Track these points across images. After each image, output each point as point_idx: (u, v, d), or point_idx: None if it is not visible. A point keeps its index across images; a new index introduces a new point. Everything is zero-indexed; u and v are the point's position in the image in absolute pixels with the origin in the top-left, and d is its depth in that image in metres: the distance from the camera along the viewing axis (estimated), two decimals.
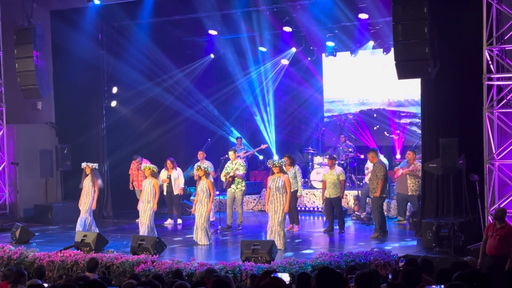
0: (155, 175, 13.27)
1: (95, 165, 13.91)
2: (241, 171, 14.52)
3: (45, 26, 16.07)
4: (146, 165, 13.49)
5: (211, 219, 13.94)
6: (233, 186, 14.48)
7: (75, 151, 16.48)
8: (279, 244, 11.67)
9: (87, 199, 13.63)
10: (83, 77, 16.59)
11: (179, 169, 15.40)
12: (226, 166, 14.75)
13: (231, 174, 14.46)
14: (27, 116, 16.95)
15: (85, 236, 12.18)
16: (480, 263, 9.21)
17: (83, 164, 13.86)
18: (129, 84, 17.09)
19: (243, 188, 14.59)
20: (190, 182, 16.75)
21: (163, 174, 15.20)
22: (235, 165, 14.52)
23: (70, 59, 16.40)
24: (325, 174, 13.95)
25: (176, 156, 16.00)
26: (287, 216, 12.72)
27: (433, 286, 5.39)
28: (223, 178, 14.71)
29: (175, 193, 15.28)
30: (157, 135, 17.93)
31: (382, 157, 14.47)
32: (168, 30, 17.08)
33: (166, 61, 17.67)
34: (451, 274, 6.20)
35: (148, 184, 13.00)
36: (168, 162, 15.25)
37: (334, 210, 13.68)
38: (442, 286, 5.05)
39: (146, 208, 12.85)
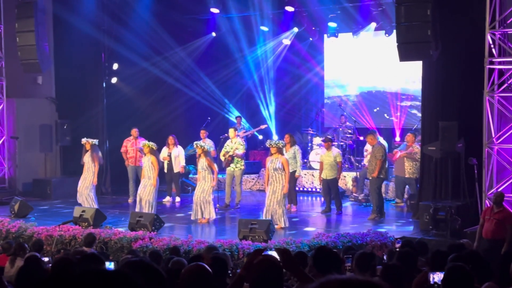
0: (154, 152, 13.29)
1: (95, 141, 13.94)
2: (241, 150, 14.53)
3: (47, 0, 15.99)
4: (145, 142, 13.51)
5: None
6: (232, 165, 14.51)
7: (74, 126, 16.50)
8: (281, 222, 11.75)
9: (88, 174, 13.70)
10: (84, 52, 16.54)
11: (180, 147, 15.41)
12: (225, 145, 14.77)
13: (231, 153, 14.48)
14: (27, 90, 16.92)
15: (83, 211, 12.24)
16: (476, 247, 9.27)
17: (83, 140, 13.90)
18: (130, 60, 17.02)
19: (242, 167, 14.61)
20: (189, 161, 16.77)
21: (164, 151, 15.22)
22: (235, 144, 14.53)
23: (71, 34, 16.34)
24: (322, 155, 13.96)
25: (176, 134, 16.01)
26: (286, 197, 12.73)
27: (437, 272, 5.42)
28: (222, 158, 14.73)
29: (175, 171, 15.30)
30: (157, 113, 17.89)
31: (381, 139, 14.48)
32: (170, 6, 17.00)
33: (168, 38, 17.59)
34: (447, 256, 6.24)
35: (147, 161, 13.04)
36: (170, 138, 15.25)
37: (331, 191, 13.72)
38: (442, 273, 5.08)
39: (146, 183, 12.92)
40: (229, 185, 14.65)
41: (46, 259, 7.71)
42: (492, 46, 10.84)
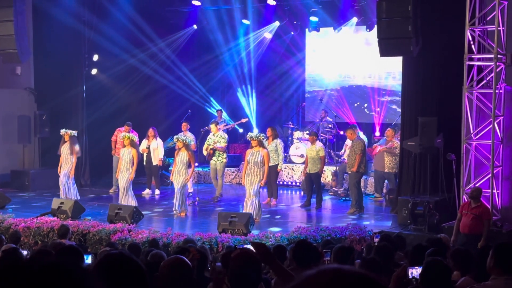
0: (135, 145, 13.24)
1: (74, 132, 13.86)
2: (222, 143, 14.54)
3: None
4: (126, 134, 13.45)
5: (189, 191, 13.97)
6: (214, 158, 14.52)
7: (53, 117, 16.38)
8: (255, 215, 11.77)
9: (66, 165, 13.66)
10: (63, 43, 16.38)
11: (159, 140, 15.36)
12: (208, 138, 14.78)
13: (212, 146, 14.48)
14: (5, 81, 16.73)
15: (62, 203, 12.16)
16: (453, 241, 9.37)
17: (62, 131, 13.82)
18: (111, 52, 16.91)
19: (224, 160, 14.62)
20: (169, 153, 16.74)
21: (144, 143, 15.17)
22: (217, 138, 14.54)
23: (51, 24, 16.17)
24: (307, 149, 14.00)
25: (156, 126, 15.93)
26: (264, 190, 12.77)
27: (415, 267, 5.46)
28: (204, 152, 14.74)
29: (154, 163, 15.26)
30: (138, 105, 17.82)
31: (361, 134, 14.55)
32: None
33: (149, 30, 17.48)
34: (426, 250, 6.30)
35: (127, 153, 12.98)
36: (151, 130, 15.21)
37: (313, 185, 13.76)
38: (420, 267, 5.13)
39: (124, 176, 12.90)
40: (215, 178, 14.70)
41: (24, 252, 7.64)
42: (471, 42, 10.91)
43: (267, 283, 5.06)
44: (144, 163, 15.25)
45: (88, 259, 6.60)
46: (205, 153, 14.71)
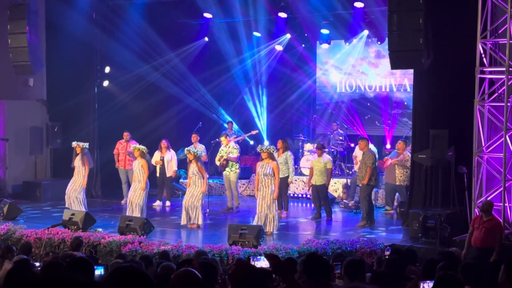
0: (144, 155, 13.28)
1: (86, 145, 13.92)
2: (235, 154, 14.65)
3: (39, 2, 15.92)
4: (136, 145, 13.50)
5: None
6: (227, 169, 14.61)
7: (65, 129, 16.46)
8: (271, 227, 11.76)
9: (78, 178, 13.71)
10: (76, 55, 16.48)
11: (172, 151, 15.42)
12: (220, 149, 14.87)
13: (225, 157, 14.57)
14: (18, 92, 16.86)
15: (73, 214, 12.20)
16: (465, 254, 9.31)
17: (74, 143, 13.88)
18: (122, 64, 17.01)
19: (237, 171, 14.71)
20: (180, 165, 16.76)
21: (157, 155, 15.23)
22: (229, 149, 14.64)
23: (63, 36, 16.29)
24: (313, 161, 14.00)
25: (167, 138, 15.98)
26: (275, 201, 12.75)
27: (427, 281, 5.44)
28: (217, 163, 14.83)
29: (168, 175, 15.30)
30: (149, 116, 17.87)
31: (372, 146, 14.52)
32: (163, 11, 17.00)
33: (160, 42, 17.59)
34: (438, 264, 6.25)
35: (137, 164, 13.02)
36: (163, 142, 15.27)
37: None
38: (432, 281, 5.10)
39: (136, 187, 12.91)
40: (229, 188, 14.79)
41: (37, 263, 7.67)
42: (483, 55, 10.90)
43: None
44: (157, 175, 15.30)
45: (101, 271, 6.60)
46: (218, 163, 14.81)
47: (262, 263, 6.98)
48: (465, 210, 11.33)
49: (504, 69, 10.59)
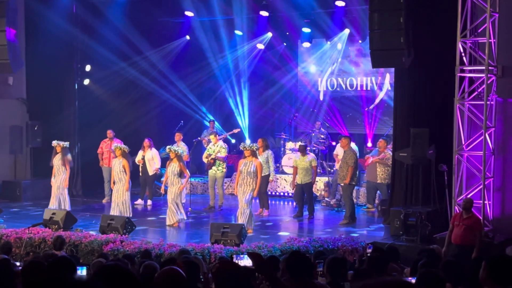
0: (126, 155, 13.23)
1: (66, 144, 13.83)
2: (223, 153, 14.70)
3: (19, 0, 15.79)
4: (117, 145, 13.45)
5: (182, 201, 13.95)
6: (214, 167, 14.65)
7: (45, 128, 16.32)
8: (249, 224, 11.76)
9: (58, 176, 13.60)
10: (56, 53, 16.35)
11: (154, 149, 15.36)
12: (208, 147, 14.87)
13: (213, 156, 14.58)
14: None
15: (53, 214, 12.11)
16: (445, 252, 9.39)
17: (54, 143, 13.78)
18: (103, 62, 16.92)
19: (224, 170, 14.77)
20: (163, 163, 16.71)
21: (140, 154, 15.24)
22: (217, 148, 14.65)
23: (43, 34, 16.15)
24: (296, 160, 14.02)
25: (149, 137, 15.92)
26: (256, 200, 12.78)
27: (409, 278, 5.48)
28: (205, 160, 14.85)
29: (150, 173, 15.26)
30: (130, 115, 17.79)
31: (353, 145, 14.59)
32: (144, 9, 16.93)
33: (141, 41, 17.51)
34: (428, 264, 6.28)
35: (118, 164, 12.97)
36: (146, 141, 15.23)
37: (304, 196, 13.77)
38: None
39: (118, 187, 12.87)
40: (212, 187, 14.79)
41: (17, 263, 7.60)
42: (463, 54, 10.98)
43: None
44: (140, 174, 15.25)
45: (83, 271, 6.56)
46: (205, 161, 14.82)
47: (245, 261, 6.99)
48: (445, 207, 11.43)
49: (483, 68, 10.68)
